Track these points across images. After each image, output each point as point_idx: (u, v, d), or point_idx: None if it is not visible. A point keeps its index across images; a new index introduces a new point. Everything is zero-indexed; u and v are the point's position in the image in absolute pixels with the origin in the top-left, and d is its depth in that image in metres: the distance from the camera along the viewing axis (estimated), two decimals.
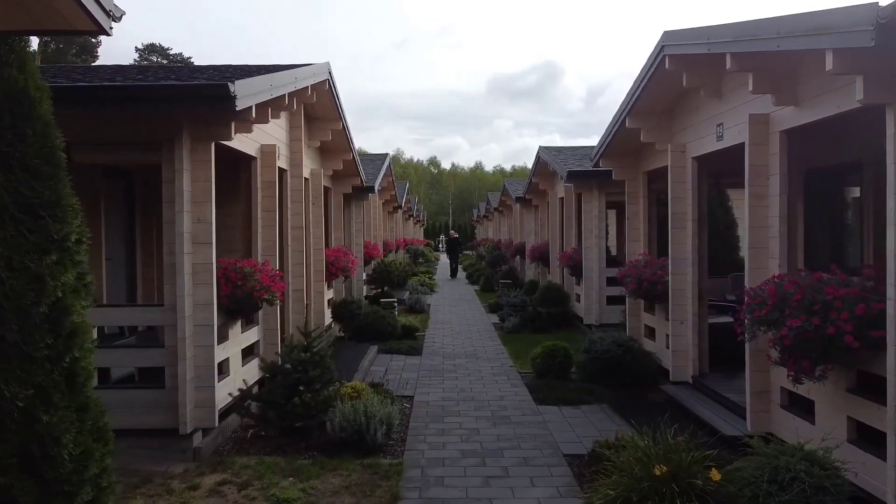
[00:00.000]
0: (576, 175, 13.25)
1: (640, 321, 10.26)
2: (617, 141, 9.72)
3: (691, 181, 8.15)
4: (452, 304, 19.98)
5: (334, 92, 10.51)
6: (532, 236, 22.38)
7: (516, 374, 10.07)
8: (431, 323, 15.66)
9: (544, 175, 17.69)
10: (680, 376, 8.36)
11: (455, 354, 11.69)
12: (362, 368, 9.78)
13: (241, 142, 7.62)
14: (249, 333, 7.93)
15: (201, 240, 6.21)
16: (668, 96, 8.35)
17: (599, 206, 13.48)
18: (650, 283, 8.71)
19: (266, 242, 8.49)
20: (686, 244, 8.29)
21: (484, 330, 14.55)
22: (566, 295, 14.65)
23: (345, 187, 14.24)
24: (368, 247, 17.96)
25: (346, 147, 12.66)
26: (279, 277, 7.55)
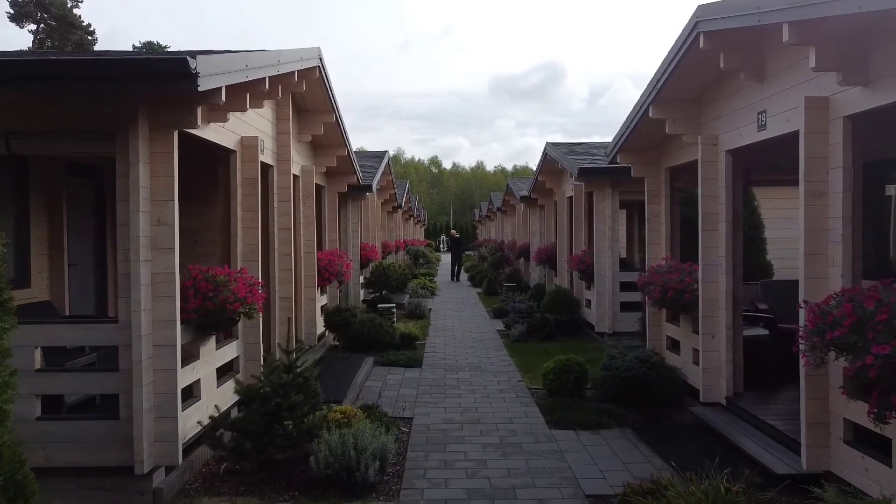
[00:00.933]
0: (587, 172, 12.33)
1: (662, 332, 9.34)
2: (637, 133, 8.81)
3: (724, 177, 7.24)
4: (454, 308, 19.07)
5: (326, 81, 9.60)
6: (537, 237, 21.47)
7: (525, 390, 9.15)
8: (432, 330, 14.74)
9: (551, 173, 16.78)
10: (711, 396, 7.44)
11: (458, 367, 10.78)
12: (356, 385, 8.86)
13: (216, 132, 6.71)
14: (226, 349, 7.02)
15: (162, 245, 5.29)
16: (698, 82, 7.43)
17: (612, 206, 12.56)
18: (677, 291, 7.79)
19: (247, 246, 7.58)
20: (718, 248, 7.38)
21: (488, 338, 13.63)
22: (576, 301, 13.73)
23: (339, 186, 13.33)
24: (366, 249, 17.06)
25: (340, 142, 11.75)
26: (259, 286, 6.64)
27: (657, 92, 7.58)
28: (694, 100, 7.81)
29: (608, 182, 12.53)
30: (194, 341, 6.13)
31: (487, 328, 15.00)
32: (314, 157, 11.80)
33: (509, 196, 25.96)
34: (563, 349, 11.99)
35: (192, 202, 8.73)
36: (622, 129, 9.00)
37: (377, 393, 8.95)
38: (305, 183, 10.89)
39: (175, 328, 5.32)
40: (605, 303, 12.61)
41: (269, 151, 8.81)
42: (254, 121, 8.04)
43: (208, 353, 6.41)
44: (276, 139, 9.16)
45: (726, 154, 7.20)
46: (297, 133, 10.40)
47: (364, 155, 19.50)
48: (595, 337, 13.07)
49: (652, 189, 9.42)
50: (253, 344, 7.58)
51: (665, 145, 9.07)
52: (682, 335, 8.55)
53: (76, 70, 4.75)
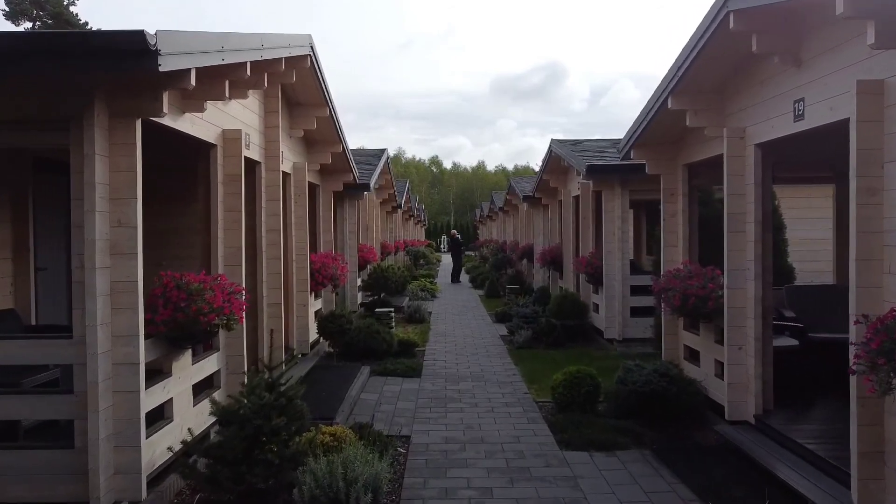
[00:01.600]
0: (596, 170, 11.68)
1: (679, 341, 8.68)
2: (653, 127, 8.15)
3: (753, 173, 6.58)
4: (455, 311, 18.41)
5: (319, 72, 8.95)
6: (541, 238, 20.82)
7: (532, 403, 8.49)
8: (432, 335, 14.08)
9: (556, 171, 16.13)
10: (738, 414, 6.79)
11: (459, 376, 10.13)
12: (349, 398, 8.21)
13: (193, 124, 6.07)
14: (205, 363, 6.37)
15: (122, 249, 4.65)
16: (724, 69, 6.78)
17: (622, 206, 11.91)
18: (699, 298, 7.14)
19: (229, 250, 6.93)
20: (746, 252, 6.72)
21: (491, 344, 12.97)
22: (584, 305, 13.07)
23: (335, 184, 12.68)
24: (363, 250, 16.41)
25: (334, 138, 11.10)
26: (239, 294, 5.99)
27: (678, 80, 6.92)
28: (717, 89, 7.15)
29: (618, 180, 11.87)
30: (166, 356, 5.49)
31: (490, 333, 14.35)
32: (307, 154, 11.15)
33: (512, 195, 25.31)
34: (570, 357, 11.36)
35: (172, 201, 8.11)
36: (637, 122, 8.34)
37: (372, 407, 8.30)
38: (297, 181, 10.25)
39: (138, 344, 4.67)
40: (615, 307, 11.96)
41: (256, 146, 8.16)
42: (238, 113, 7.40)
43: (183, 369, 5.77)
44: (264, 134, 8.51)
45: (755, 148, 6.54)
46: (287, 128, 9.76)
47: (362, 153, 18.85)
48: (604, 343, 12.42)
49: (668, 187, 8.76)
50: (236, 356, 6.94)
51: (683, 140, 8.42)
52: (702, 345, 7.90)
53: (21, 47, 4.09)
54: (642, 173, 11.69)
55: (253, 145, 8.00)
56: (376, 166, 16.87)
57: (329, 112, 9.94)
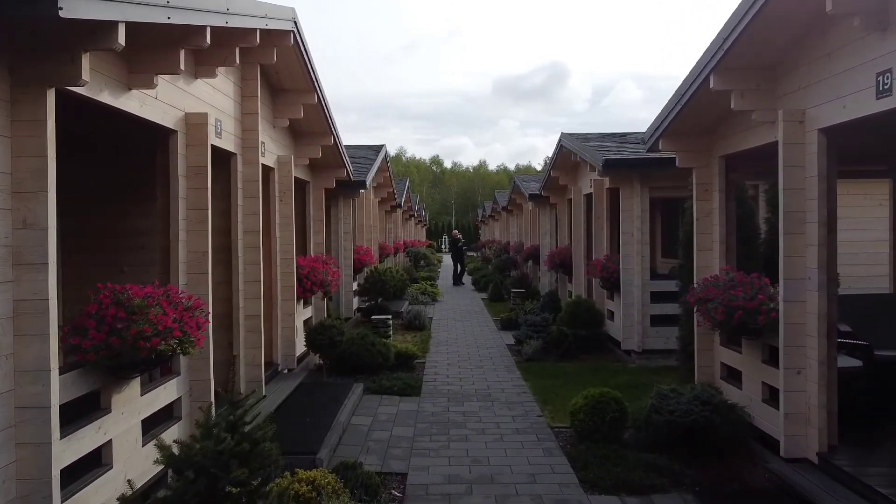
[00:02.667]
0: (614, 165, 10.61)
1: (714, 358, 7.62)
2: (688, 113, 7.08)
3: (816, 164, 5.51)
4: (458, 317, 17.34)
5: (304, 53, 7.89)
6: (548, 239, 19.75)
7: (548, 430, 7.42)
8: (433, 345, 13.01)
9: (566, 168, 15.06)
10: (796, 451, 5.71)
11: (464, 395, 9.05)
12: (338, 425, 7.14)
13: (143, 104, 5.00)
14: (161, 392, 5.31)
15: (29, 258, 3.57)
16: (782, 37, 5.69)
17: (642, 204, 10.84)
18: (747, 312, 6.06)
19: (193, 255, 5.87)
20: (807, 258, 5.65)
21: (498, 355, 11.90)
22: (599, 313, 11.98)
23: (327, 181, 11.61)
24: (359, 252, 15.36)
25: (324, 129, 10.03)
26: (197, 310, 4.91)
27: (723, 54, 5.84)
28: (769, 65, 6.08)
29: (637, 176, 10.81)
30: (105, 387, 4.43)
31: (495, 342, 13.27)
32: (294, 147, 10.09)
33: (516, 194, 24.24)
34: (584, 371, 10.30)
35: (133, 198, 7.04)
36: (668, 108, 7.27)
37: (364, 435, 7.23)
38: (282, 176, 9.18)
39: (49, 382, 3.60)
40: (633, 316, 10.90)
41: (231, 135, 7.10)
42: (206, 94, 6.33)
43: (127, 402, 4.70)
44: (241, 121, 7.44)
45: (819, 134, 5.47)
46: (270, 116, 8.70)
47: (358, 149, 17.79)
48: (620, 355, 11.35)
49: (702, 182, 7.69)
50: (202, 381, 5.87)
51: (721, 128, 7.35)
52: (745, 365, 6.83)
53: None
54: (664, 168, 10.66)
55: (226, 134, 6.94)
56: (373, 163, 15.81)
57: (317, 99, 8.87)
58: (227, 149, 7.00)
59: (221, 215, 7.37)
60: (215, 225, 7.31)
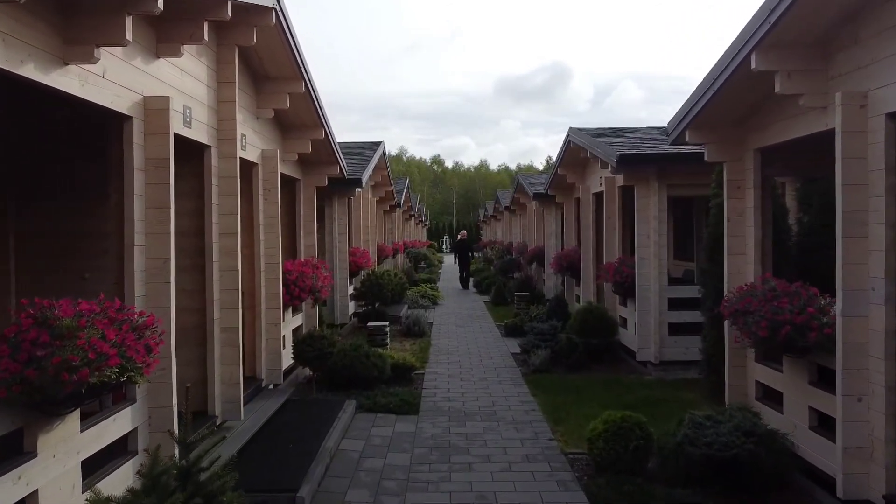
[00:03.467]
0: (629, 161, 9.79)
1: (748, 376, 6.79)
2: (720, 100, 6.25)
3: (883, 156, 4.68)
4: (459, 321, 16.51)
5: (289, 34, 7.08)
6: (553, 240, 18.93)
7: (561, 456, 6.60)
8: (433, 353, 12.18)
9: (574, 165, 14.26)
10: (857, 491, 4.88)
11: (466, 413, 8.23)
12: (324, 452, 6.32)
13: (85, 83, 4.20)
14: (110, 424, 4.49)
15: None
16: (831, 12, 4.88)
17: (659, 203, 10.01)
18: (796, 328, 5.23)
19: (153, 261, 5.06)
20: (870, 265, 4.83)
21: (502, 366, 11.07)
22: (612, 321, 11.14)
23: (318, 178, 10.79)
24: (355, 254, 14.54)
25: (314, 121, 9.21)
26: (147, 330, 4.09)
27: (770, 28, 5.01)
28: (821, 41, 5.26)
29: (654, 173, 9.98)
30: (29, 426, 3.62)
31: (500, 351, 12.44)
32: (281, 141, 9.27)
33: (520, 194, 23.42)
34: (596, 384, 9.48)
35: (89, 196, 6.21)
36: (697, 94, 6.44)
37: (354, 463, 6.41)
38: (267, 172, 8.36)
39: None
40: (650, 324, 10.07)
41: (204, 125, 6.28)
42: (170, 77, 5.51)
43: (61, 442, 3.88)
44: (217, 110, 6.62)
45: (886, 119, 4.64)
46: (252, 106, 7.88)
47: (354, 146, 16.98)
48: (635, 366, 10.52)
49: (734, 179, 6.86)
50: (162, 408, 5.06)
51: (756, 117, 6.52)
52: (787, 386, 6.00)
53: None
54: (684, 164, 9.86)
55: (198, 123, 6.12)
56: (370, 160, 15.00)
57: (305, 87, 8.06)
58: (199, 140, 6.18)
59: (194, 216, 6.56)
60: (186, 226, 6.52)
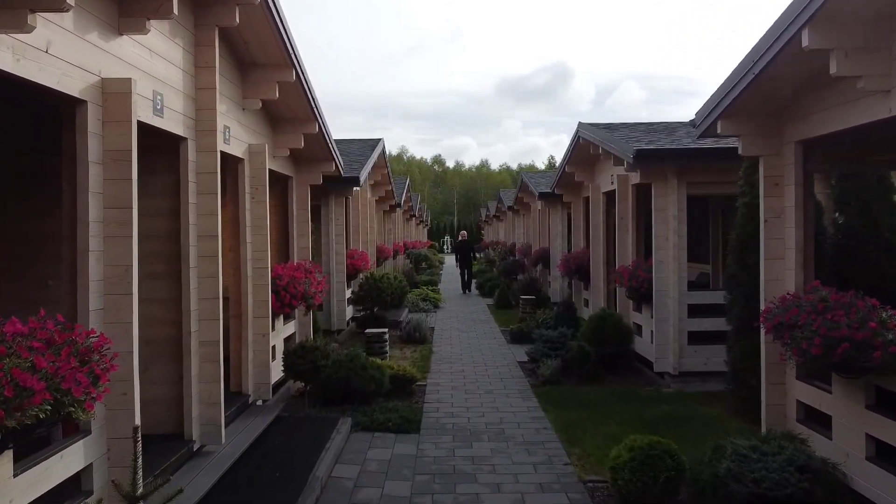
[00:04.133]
0: (647, 157, 9.09)
1: (788, 395, 6.10)
2: (761, 84, 5.55)
3: None
4: (462, 326, 15.81)
5: (277, 17, 6.40)
6: (559, 241, 18.26)
7: (579, 485, 5.90)
8: (435, 362, 11.48)
9: (583, 162, 13.57)
10: None
11: (472, 431, 7.53)
12: (315, 481, 5.62)
13: (21, 59, 3.50)
14: (55, 462, 3.80)
15: None
16: None
17: (678, 202, 9.31)
18: (857, 345, 4.53)
19: (113, 270, 4.37)
20: None
21: (509, 376, 10.37)
22: (627, 329, 10.43)
23: (312, 176, 10.09)
24: (353, 256, 13.84)
25: (306, 113, 8.52)
26: (97, 353, 3.39)
27: None
28: (882, 17, 4.55)
29: (673, 170, 9.28)
30: None
31: (506, 359, 11.74)
32: (272, 136, 8.58)
33: (524, 193, 22.72)
34: (612, 398, 8.79)
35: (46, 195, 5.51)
36: (734, 79, 5.73)
37: (348, 494, 5.72)
38: (255, 169, 7.67)
39: None
40: (668, 332, 9.37)
41: (179, 115, 5.59)
42: (136, 57, 4.83)
43: None
44: (195, 98, 5.93)
45: None
46: (238, 95, 7.20)
47: (353, 143, 16.31)
48: (652, 378, 9.82)
49: (772, 175, 6.16)
50: (123, 439, 4.36)
51: (797, 105, 5.82)
52: (838, 409, 5.29)
53: None
54: (705, 160, 9.20)
55: (172, 112, 5.43)
56: (369, 157, 14.31)
57: (296, 75, 7.37)
58: (174, 131, 5.49)
59: (169, 216, 5.88)
60: (160, 228, 5.85)
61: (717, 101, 6.08)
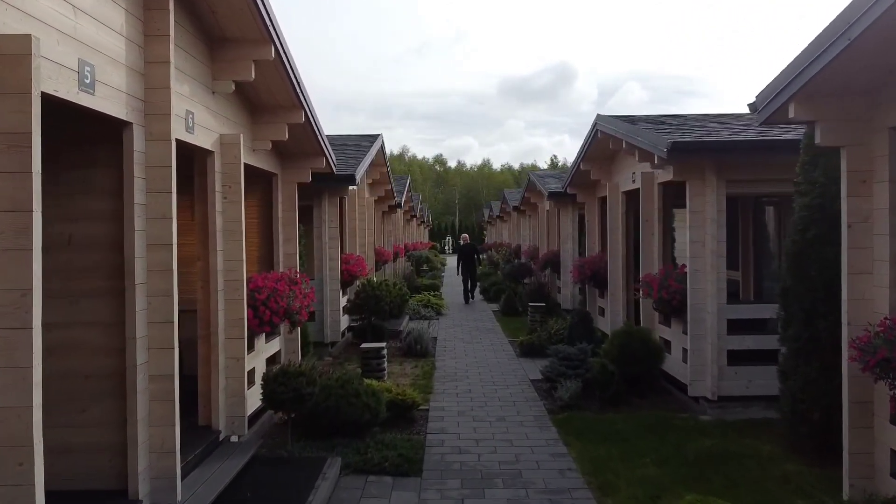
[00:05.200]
0: (684, 150, 7.92)
1: (877, 441, 4.93)
2: (848, 59, 4.39)
3: None
4: (467, 337, 14.65)
5: None
6: (570, 244, 17.12)
7: None
8: (438, 380, 10.33)
9: (600, 159, 12.43)
10: None
11: (484, 474, 6.37)
12: None
13: None
14: None
15: None
16: None
17: (717, 203, 8.15)
18: None
19: (7, 294, 3.22)
20: None
21: (522, 398, 9.21)
22: (657, 347, 9.24)
23: (299, 173, 8.94)
24: (349, 262, 12.70)
25: (290, 100, 7.37)
26: None
27: None
28: None
29: (711, 166, 8.13)
30: None
31: (517, 376, 10.58)
32: (250, 126, 7.43)
33: (530, 192, 21.55)
34: (644, 428, 7.65)
35: None
36: (812, 53, 4.56)
37: None
38: (228, 164, 6.52)
39: None
40: (706, 351, 8.21)
41: (120, 93, 4.44)
42: (49, 13, 3.68)
43: None
44: (144, 74, 4.79)
45: None
46: (206, 76, 6.05)
47: (349, 139, 15.18)
48: (686, 402, 8.66)
49: (857, 169, 5.00)
50: None
51: (891, 86, 4.67)
52: None
53: None
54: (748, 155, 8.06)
55: (109, 90, 4.28)
56: (366, 154, 13.17)
57: (275, 52, 6.22)
58: (113, 114, 4.35)
59: (110, 220, 4.74)
60: (99, 235, 4.71)
61: (789, 77, 4.91)
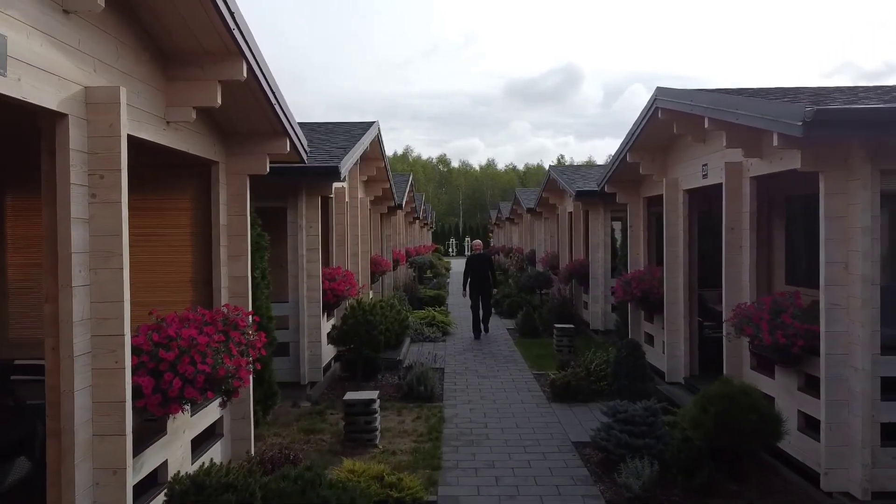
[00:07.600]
0: (823, 126, 5.21)
1: None
2: None
3: None
4: (481, 368, 11.93)
5: None
6: (600, 252, 14.45)
7: None
8: (449, 444, 7.63)
9: (652, 149, 9.78)
10: None
11: None
12: None
13: None
14: None
15: None
16: None
17: (871, 206, 5.45)
18: None
19: None
20: None
21: (568, 480, 6.51)
22: (775, 419, 6.30)
23: (252, 161, 6.24)
24: (334, 278, 10.02)
25: (220, 39, 4.67)
26: None
27: None
28: None
29: (862, 150, 5.43)
30: None
31: (554, 438, 7.87)
32: (158, 80, 4.74)
33: (550, 192, 18.84)
34: None
35: None
36: None
37: None
38: (98, 137, 3.84)
39: None
40: (852, 426, 5.52)
41: None
42: None
43: None
44: None
45: None
46: None
47: (337, 126, 12.54)
48: (812, 495, 5.94)
49: None
50: None
51: None
52: None
53: None
54: None
55: None
56: (356, 143, 10.52)
57: None
58: None
59: None
60: None
61: None
